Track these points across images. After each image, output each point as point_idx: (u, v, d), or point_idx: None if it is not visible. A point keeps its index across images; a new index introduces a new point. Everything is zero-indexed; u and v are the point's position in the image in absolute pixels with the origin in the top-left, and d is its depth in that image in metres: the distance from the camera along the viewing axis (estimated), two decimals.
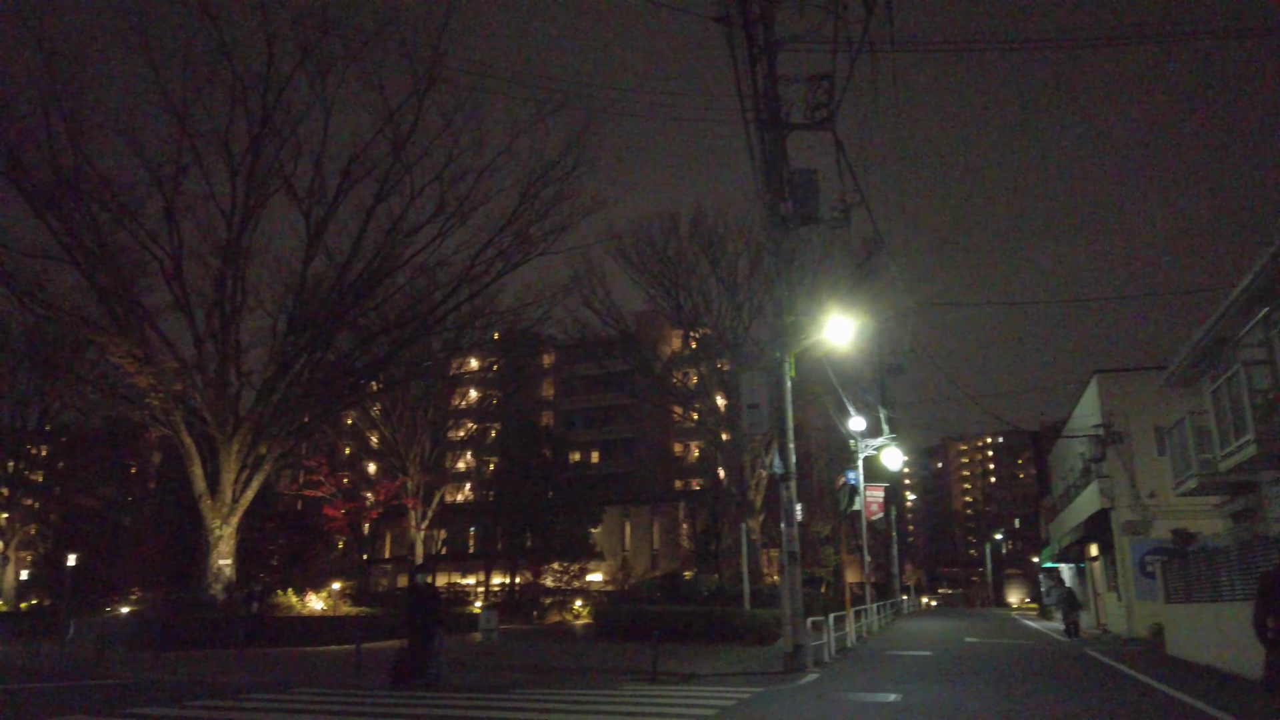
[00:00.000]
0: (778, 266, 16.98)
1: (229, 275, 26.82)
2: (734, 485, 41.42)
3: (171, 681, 15.29)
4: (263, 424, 27.44)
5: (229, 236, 26.70)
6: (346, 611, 27.59)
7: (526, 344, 54.87)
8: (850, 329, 16.88)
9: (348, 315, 28.22)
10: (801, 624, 15.90)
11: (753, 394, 16.85)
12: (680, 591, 30.55)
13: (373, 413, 44.50)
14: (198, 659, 20.07)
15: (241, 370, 28.78)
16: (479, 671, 16.45)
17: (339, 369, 29.56)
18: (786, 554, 16.11)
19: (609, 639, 25.68)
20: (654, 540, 59.04)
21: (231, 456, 27.13)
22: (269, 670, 17.11)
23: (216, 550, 26.76)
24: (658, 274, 41.14)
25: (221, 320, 27.14)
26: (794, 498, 16.38)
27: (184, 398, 27.03)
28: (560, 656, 20.10)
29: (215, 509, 26.91)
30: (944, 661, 18.36)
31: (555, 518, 51.82)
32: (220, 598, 26.23)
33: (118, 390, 28.59)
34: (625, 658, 18.98)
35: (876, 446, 30.26)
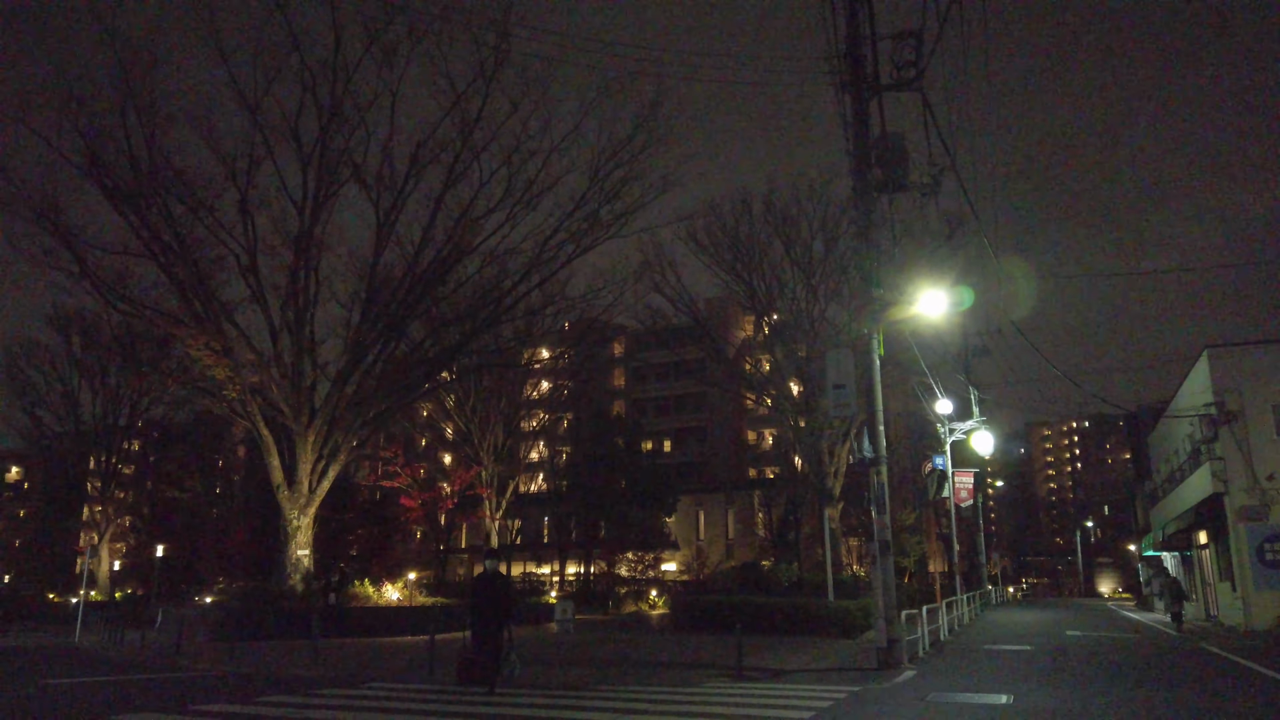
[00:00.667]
0: (865, 236, 15.94)
1: (301, 267, 26.82)
2: (812, 473, 40.23)
3: (245, 674, 15.09)
4: (337, 415, 27.43)
5: (301, 228, 26.70)
6: (422, 602, 27.46)
7: (597, 332, 54.50)
8: (944, 302, 15.74)
9: (419, 305, 28.00)
10: (896, 617, 14.92)
11: (838, 373, 15.85)
12: (759, 582, 29.71)
13: (447, 404, 44.56)
14: (275, 650, 20.01)
15: (316, 362, 28.81)
16: (554, 666, 15.88)
17: (412, 359, 29.40)
18: (878, 543, 15.13)
19: (687, 631, 24.98)
20: (728, 530, 58.09)
21: (307, 447, 27.18)
22: (344, 662, 16.85)
23: (294, 541, 26.86)
24: (729, 258, 40.07)
25: (295, 312, 27.19)
26: (885, 483, 15.36)
27: (260, 390, 27.15)
28: (638, 649, 19.44)
29: (292, 499, 27.01)
30: (1048, 658, 17.13)
31: (629, 507, 51.28)
32: (299, 588, 26.31)
33: (198, 384, 28.90)
34: (706, 651, 18.23)
35: (965, 430, 28.83)
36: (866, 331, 15.81)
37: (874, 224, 16.07)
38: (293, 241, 26.92)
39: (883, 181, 15.90)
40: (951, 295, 15.97)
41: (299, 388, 27.28)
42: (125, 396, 59.33)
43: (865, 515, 49.98)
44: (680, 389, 75.24)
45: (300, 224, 26.70)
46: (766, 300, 40.46)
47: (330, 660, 17.27)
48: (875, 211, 16.11)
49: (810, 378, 38.94)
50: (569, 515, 55.14)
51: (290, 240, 27.11)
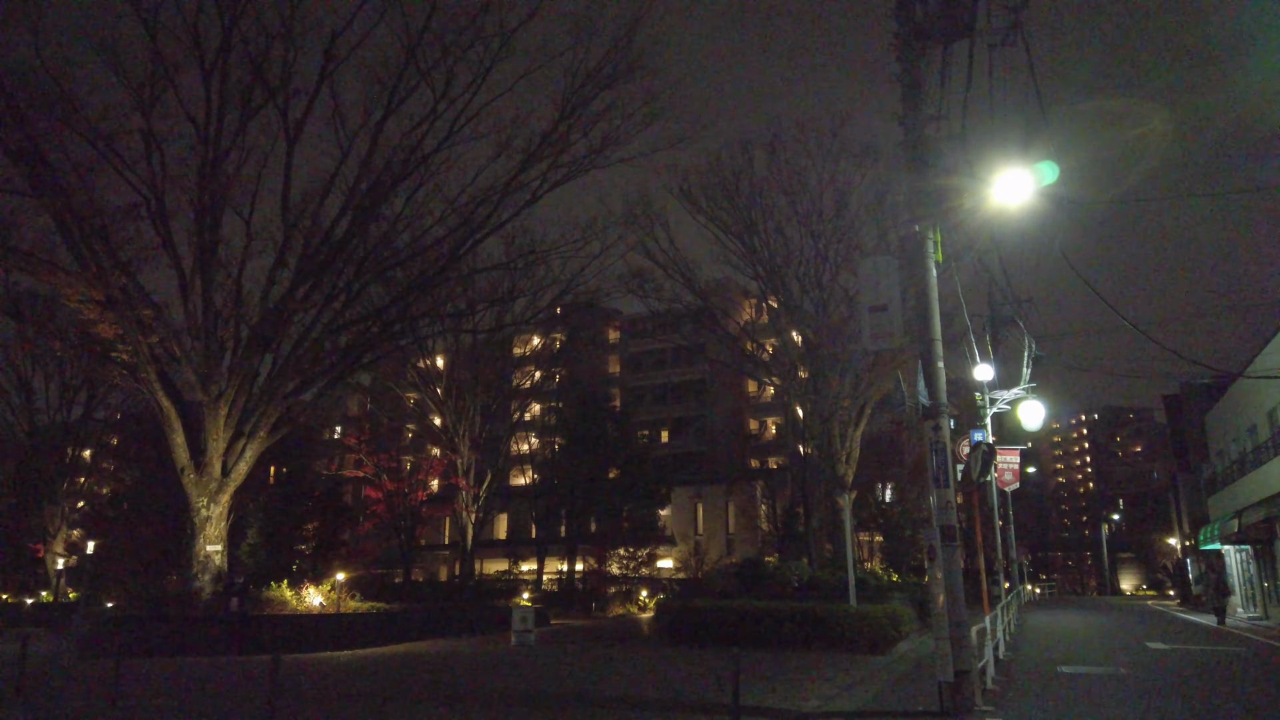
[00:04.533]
0: (913, 97, 11.30)
1: (206, 201, 22.14)
2: (822, 458, 35.56)
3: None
4: (256, 385, 22.86)
5: (204, 155, 22.02)
6: (353, 608, 22.92)
7: (588, 312, 49.90)
8: (1028, 183, 11.09)
9: (348, 245, 23.23)
10: (967, 635, 10.27)
11: (877, 289, 11.22)
12: (763, 581, 25.08)
13: (409, 378, 40.04)
14: (148, 671, 15.41)
15: (245, 322, 24.11)
16: (471, 706, 11.25)
17: (342, 318, 24.70)
18: (939, 529, 10.49)
19: (677, 642, 20.37)
20: (729, 523, 53.49)
21: (219, 422, 22.57)
22: (216, 692, 12.19)
23: (203, 534, 22.23)
24: (728, 217, 35.28)
25: (200, 258, 22.54)
26: (948, 445, 10.72)
27: (161, 353, 22.52)
28: (606, 675, 14.82)
29: (200, 485, 22.40)
30: (1153, 685, 12.57)
31: (620, 499, 46.87)
32: (207, 591, 21.73)
33: (90, 346, 24.24)
34: (696, 675, 13.62)
35: (1010, 400, 24.20)
36: (918, 230, 11.17)
37: (922, 79, 11.42)
38: (196, 171, 22.26)
39: (937, 21, 11.28)
40: (1033, 174, 11.29)
41: (210, 352, 22.64)
42: (80, 384, 55.10)
43: (880, 506, 45.56)
44: (678, 376, 70.75)
45: (203, 150, 22.04)
46: (769, 267, 35.68)
47: (205, 688, 12.62)
48: (923, 66, 11.46)
49: (815, 363, 34.39)
50: (555, 509, 50.59)
51: (197, 172, 22.44)
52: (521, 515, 59.15)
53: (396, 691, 12.47)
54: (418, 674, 15.02)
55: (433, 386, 41.48)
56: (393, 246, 24.66)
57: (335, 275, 24.15)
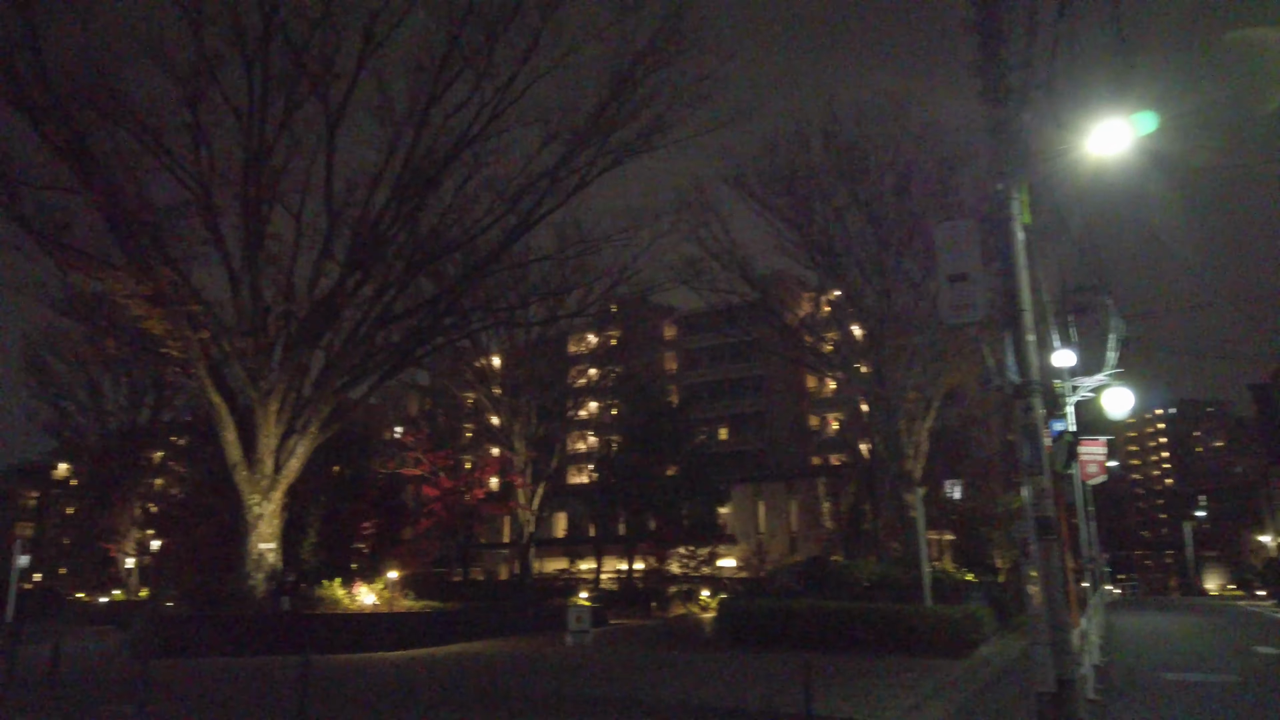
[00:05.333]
0: (989, 44, 10.17)
1: (252, 192, 21.83)
2: (888, 454, 34.13)
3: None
4: (299, 377, 22.53)
5: (250, 146, 21.72)
6: (408, 607, 22.39)
7: (642, 307, 49.15)
8: (1126, 133, 9.88)
9: (393, 233, 22.68)
10: (1069, 640, 9.13)
11: (956, 257, 10.11)
12: (829, 580, 23.93)
13: (466, 377, 39.73)
14: (194, 671, 14.99)
15: (294, 316, 23.78)
16: (521, 710, 10.45)
17: (391, 309, 24.21)
18: (1034, 521, 9.34)
19: (739, 644, 19.39)
20: (791, 521, 52.20)
21: (269, 418, 22.24)
22: (255, 693, 11.61)
23: (256, 532, 21.93)
24: (784, 203, 34.06)
25: (248, 251, 22.25)
26: (1038, 425, 9.59)
27: (212, 349, 22.29)
28: (667, 677, 13.93)
29: (253, 482, 22.10)
30: (1276, 695, 11.21)
31: (679, 497, 45.97)
32: (261, 589, 21.40)
33: (144, 345, 24.16)
34: (761, 680, 12.67)
35: (1093, 387, 22.64)
36: (1001, 189, 10.02)
37: (1002, 23, 10.27)
38: (243, 164, 21.96)
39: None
40: (1130, 123, 10.07)
41: (259, 346, 22.35)
42: (147, 387, 56.22)
43: (950, 503, 43.80)
44: (735, 373, 69.55)
45: (248, 143, 21.72)
46: (828, 255, 34.35)
47: (244, 692, 12.08)
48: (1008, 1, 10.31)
49: (880, 357, 33.00)
50: (613, 507, 49.91)
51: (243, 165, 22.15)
52: (580, 514, 58.67)
53: (443, 694, 11.77)
54: (468, 675, 14.33)
55: (489, 385, 41.13)
56: (441, 238, 24.11)
57: (384, 268, 23.71)
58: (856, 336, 37.49)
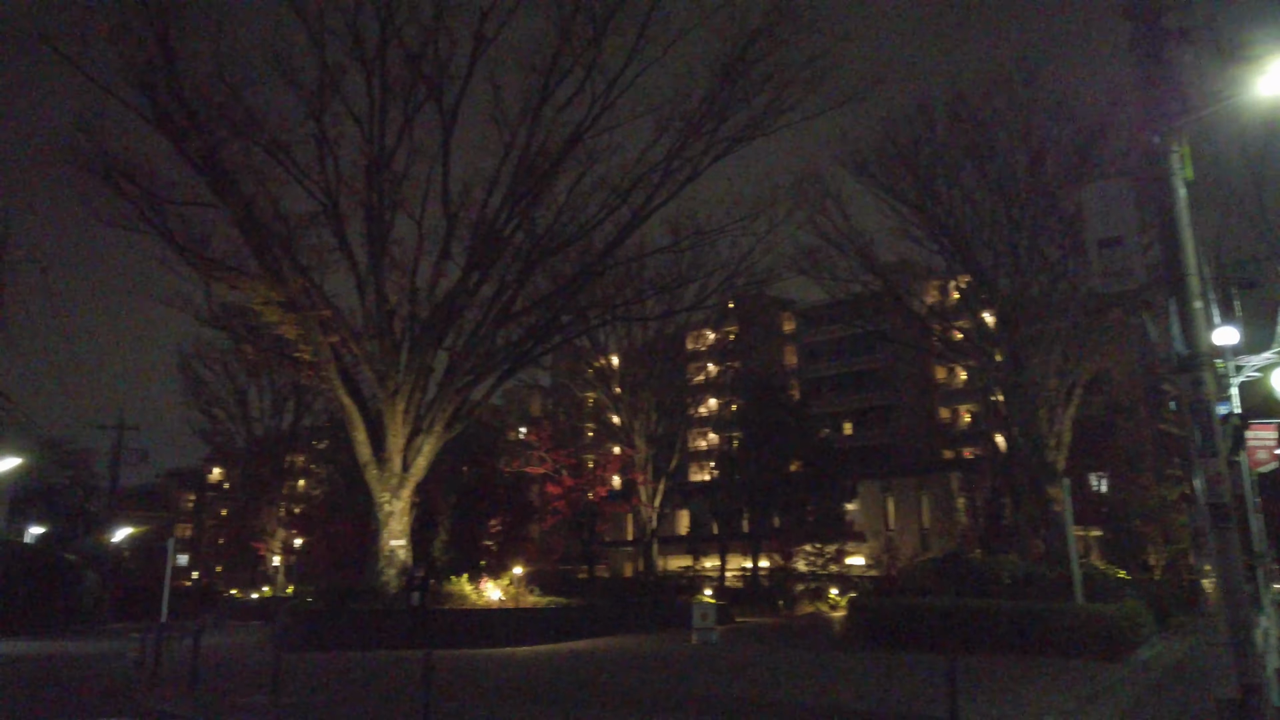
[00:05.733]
0: None
1: (375, 198, 22.42)
2: (1027, 445, 32.28)
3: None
4: (424, 377, 23.02)
5: (371, 152, 22.31)
6: (532, 602, 22.51)
7: (760, 301, 48.35)
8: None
9: (515, 235, 22.89)
10: (1253, 641, 8.13)
11: (1108, 220, 9.21)
12: (968, 578, 22.67)
13: (586, 376, 40.02)
14: (328, 664, 15.40)
15: (416, 317, 24.35)
16: (648, 709, 10.11)
17: (509, 307, 24.44)
18: (1207, 509, 8.38)
19: (872, 645, 18.59)
20: (923, 517, 50.27)
21: (397, 417, 22.80)
22: (383, 686, 11.73)
23: (387, 529, 22.51)
24: (906, 186, 32.63)
25: (372, 257, 22.87)
26: (1210, 401, 8.59)
27: (341, 351, 23.05)
28: (798, 678, 13.37)
29: (383, 480, 22.70)
30: None
31: (803, 493, 45.01)
32: (394, 585, 21.94)
33: (281, 351, 25.25)
34: (900, 682, 11.96)
35: (1260, 366, 20.65)
36: (1159, 143, 9.04)
37: None
38: (365, 171, 22.60)
39: None
40: None
41: (386, 348, 22.93)
42: (289, 393, 59.15)
43: (1097, 496, 41.23)
44: (859, 366, 67.66)
45: (370, 149, 22.32)
46: (956, 239, 32.74)
47: (378, 682, 12.26)
48: None
49: (1014, 343, 31.22)
50: (736, 504, 49.32)
51: (364, 170, 22.80)
52: (702, 511, 58.30)
53: (568, 691, 11.59)
54: (592, 672, 14.15)
55: (609, 384, 41.30)
56: (557, 237, 24.20)
57: (502, 267, 23.97)
58: (988, 323, 35.74)
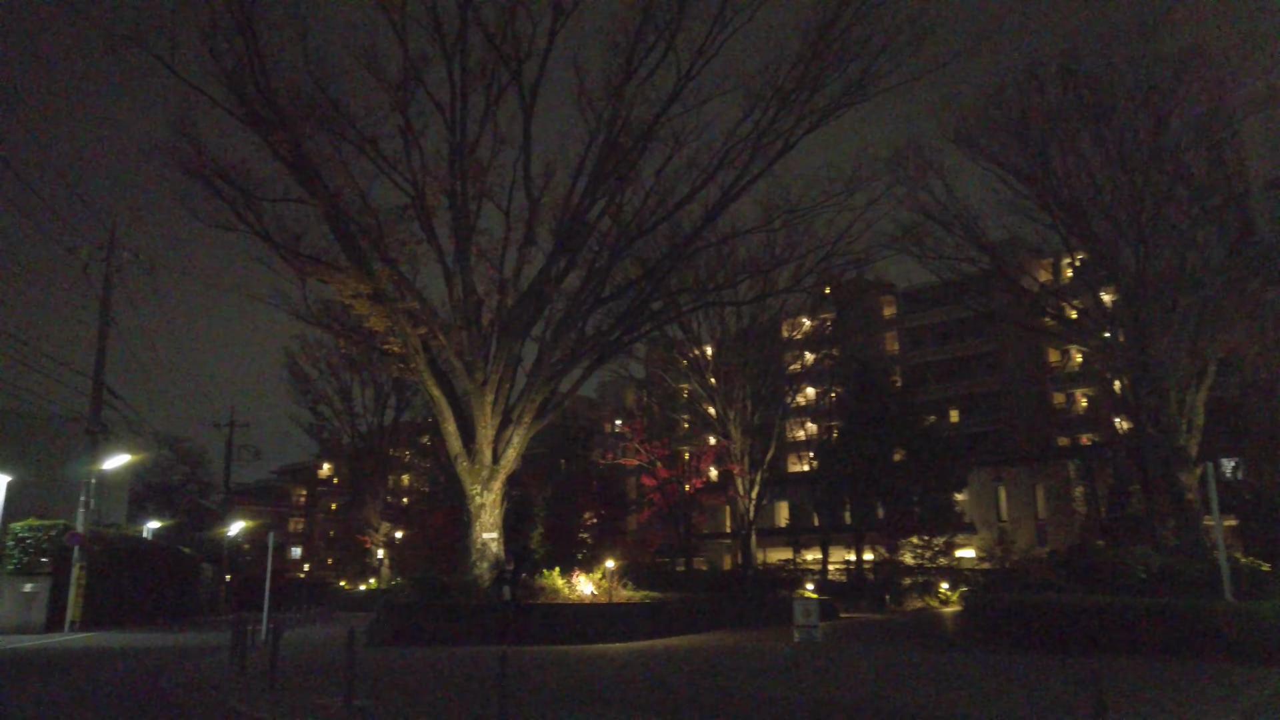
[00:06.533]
0: None
1: (458, 187, 22.10)
2: (1157, 429, 29.86)
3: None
4: (512, 368, 22.67)
5: (453, 140, 22.01)
6: (627, 597, 21.84)
7: (858, 286, 46.64)
8: None
9: (600, 220, 22.24)
10: None
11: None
12: (1095, 572, 20.97)
13: (679, 367, 39.24)
14: (415, 661, 15.05)
15: (505, 309, 24.02)
16: (747, 715, 9.21)
17: (594, 292, 23.83)
18: None
19: (992, 644, 17.22)
20: (1038, 507, 47.70)
21: (486, 409, 22.48)
22: (466, 684, 11.19)
23: (479, 521, 22.24)
24: (1015, 157, 30.58)
25: (458, 247, 22.59)
26: None
27: (430, 342, 22.87)
28: (912, 682, 12.26)
29: (473, 473, 22.43)
30: None
31: (909, 484, 43.22)
32: (486, 579, 21.63)
33: (375, 344, 25.30)
34: (1022, 689, 10.74)
35: None
36: None
37: None
38: (448, 160, 22.31)
39: None
40: None
41: (473, 338, 22.63)
42: (390, 389, 60.45)
43: (1233, 484, 38.11)
44: (964, 350, 65.01)
45: (453, 138, 22.00)
46: (1071, 212, 30.51)
47: (457, 682, 11.76)
48: None
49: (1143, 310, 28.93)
50: (837, 495, 47.77)
51: (447, 159, 22.53)
52: (802, 502, 56.91)
53: (659, 693, 10.81)
54: (685, 673, 13.34)
55: (703, 375, 40.48)
56: (644, 222, 23.49)
57: (589, 254, 23.45)
58: (1108, 301, 33.38)
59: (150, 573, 34.42)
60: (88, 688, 11.87)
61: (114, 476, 36.41)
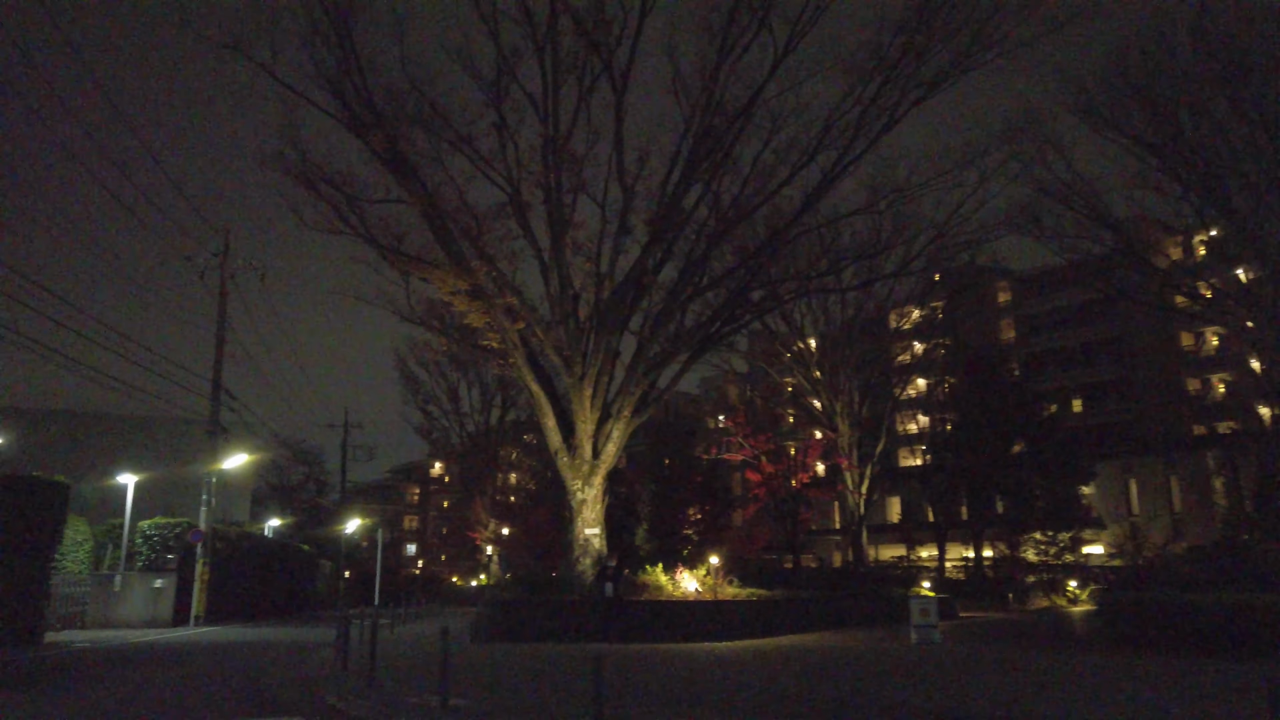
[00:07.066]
0: None
1: (552, 179, 21.88)
2: None
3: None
4: (610, 362, 22.35)
5: (546, 132, 21.79)
6: (732, 594, 21.15)
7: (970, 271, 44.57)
8: None
9: (696, 208, 21.61)
10: None
11: None
12: (1245, 570, 19.20)
13: (783, 360, 38.29)
14: (515, 658, 14.83)
15: (601, 296, 23.71)
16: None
17: (692, 279, 23.26)
18: None
19: (1127, 647, 15.86)
20: (1173, 501, 44.65)
21: (585, 403, 22.20)
22: (566, 688, 10.83)
23: (580, 517, 21.97)
24: (1141, 126, 28.53)
25: (554, 241, 22.37)
26: None
27: (530, 337, 22.76)
28: (1047, 688, 11.24)
29: (574, 467, 22.20)
30: None
31: (1030, 477, 41.12)
32: (589, 575, 21.34)
33: (474, 342, 25.42)
34: (1184, 702, 9.64)
35: None
36: None
37: None
38: (541, 153, 22.11)
39: None
40: None
41: (571, 333, 22.39)
42: (496, 389, 61.47)
43: None
44: (1086, 336, 61.60)
45: (546, 128, 21.78)
46: (1206, 182, 28.26)
47: (559, 682, 11.42)
48: None
49: None
50: (953, 490, 45.86)
51: (541, 153, 22.33)
52: (915, 497, 54.99)
53: (768, 697, 10.17)
54: (797, 674, 12.64)
55: (807, 367, 39.46)
56: (741, 208, 22.80)
57: (686, 244, 22.93)
58: (1246, 278, 30.93)
59: (271, 569, 35.62)
60: (198, 680, 12.03)
61: (237, 477, 37.92)
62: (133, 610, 25.05)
